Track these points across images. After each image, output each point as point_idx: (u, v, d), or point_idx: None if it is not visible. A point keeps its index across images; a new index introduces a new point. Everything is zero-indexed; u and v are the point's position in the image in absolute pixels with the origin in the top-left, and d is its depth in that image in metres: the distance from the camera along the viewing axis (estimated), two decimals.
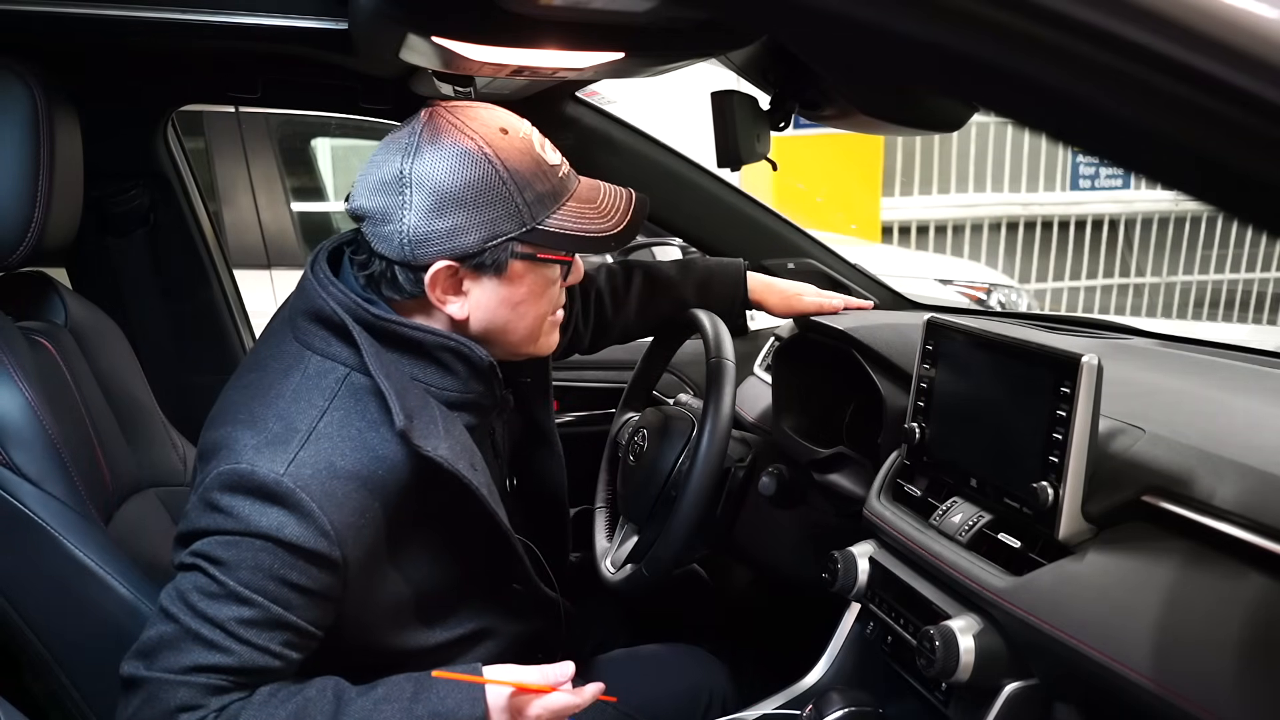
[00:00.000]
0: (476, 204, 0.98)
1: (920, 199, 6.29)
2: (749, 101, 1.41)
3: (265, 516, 0.91)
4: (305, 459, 0.93)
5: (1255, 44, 0.44)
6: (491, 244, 0.99)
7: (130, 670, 0.92)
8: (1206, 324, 6.50)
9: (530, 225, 1.00)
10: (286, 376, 0.99)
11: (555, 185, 1.03)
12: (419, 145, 0.98)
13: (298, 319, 1.03)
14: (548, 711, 0.99)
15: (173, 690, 0.90)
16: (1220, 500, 0.88)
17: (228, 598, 0.91)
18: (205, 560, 0.92)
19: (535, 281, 1.05)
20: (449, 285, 1.01)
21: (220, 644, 0.91)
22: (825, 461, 1.43)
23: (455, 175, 0.97)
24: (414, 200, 0.97)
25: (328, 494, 0.93)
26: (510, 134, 1.01)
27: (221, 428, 0.98)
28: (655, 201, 1.80)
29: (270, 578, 0.92)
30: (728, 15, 0.99)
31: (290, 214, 3.43)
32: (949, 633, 1.02)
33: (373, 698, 0.95)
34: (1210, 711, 0.78)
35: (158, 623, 0.93)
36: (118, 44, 1.44)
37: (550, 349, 1.13)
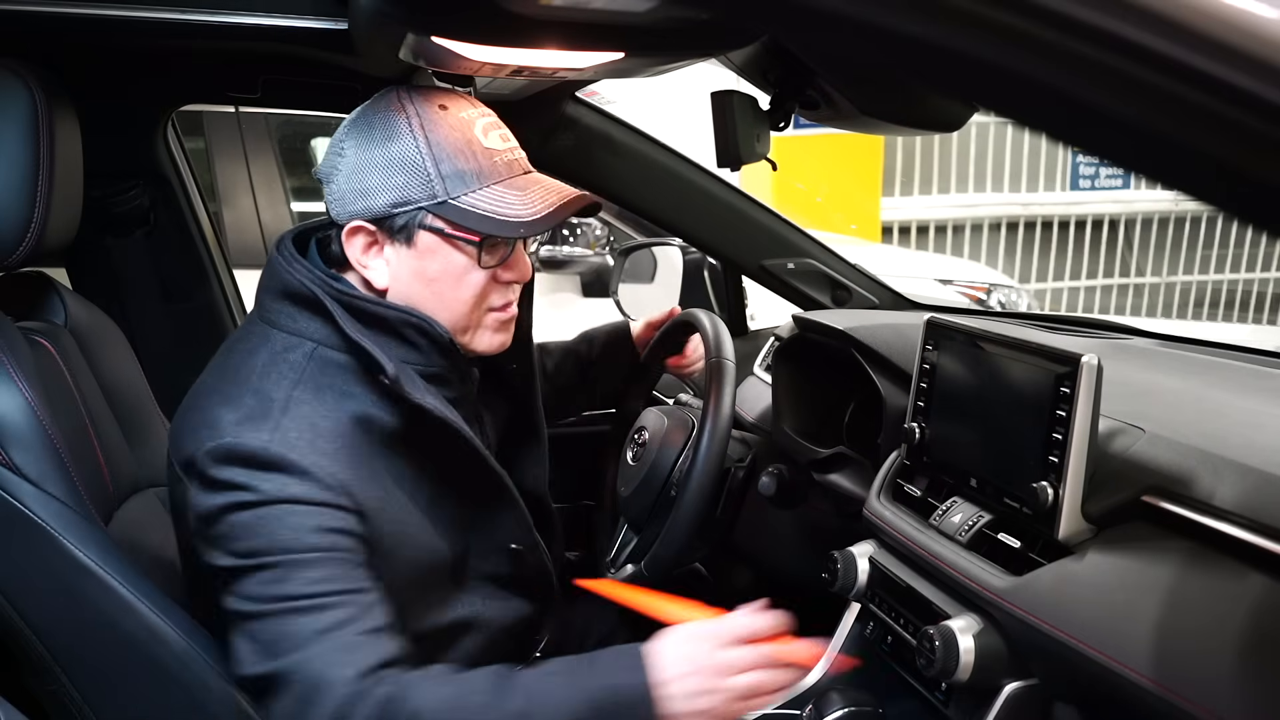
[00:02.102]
0: (389, 168, 1.01)
1: (920, 199, 6.29)
2: (749, 101, 1.41)
3: (267, 482, 0.93)
4: (288, 424, 0.96)
5: (1255, 44, 0.44)
6: (400, 209, 1.02)
7: (262, 669, 0.92)
8: (1206, 324, 6.50)
9: (441, 198, 1.01)
10: (253, 355, 1.02)
11: (483, 166, 1.03)
12: (361, 112, 1.05)
13: (264, 299, 1.06)
14: (750, 668, 0.96)
15: (313, 664, 0.90)
16: (1220, 500, 0.88)
17: (289, 566, 0.92)
18: (242, 551, 0.93)
19: (447, 259, 1.04)
20: (368, 249, 1.04)
21: (317, 606, 0.92)
22: (825, 461, 1.43)
23: (376, 140, 1.02)
24: (343, 162, 1.03)
25: (318, 451, 0.96)
26: (449, 110, 1.04)
27: (196, 411, 1.00)
28: (655, 201, 1.82)
29: (309, 532, 0.93)
30: (728, 15, 0.99)
31: (290, 214, 3.43)
32: (949, 633, 1.02)
33: (538, 671, 0.96)
34: (1210, 711, 0.78)
35: (246, 621, 0.93)
36: (118, 44, 1.44)
37: (494, 347, 1.12)
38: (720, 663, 0.95)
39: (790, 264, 1.87)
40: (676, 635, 0.97)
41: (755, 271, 1.88)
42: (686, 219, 1.83)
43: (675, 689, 0.93)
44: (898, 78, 1.18)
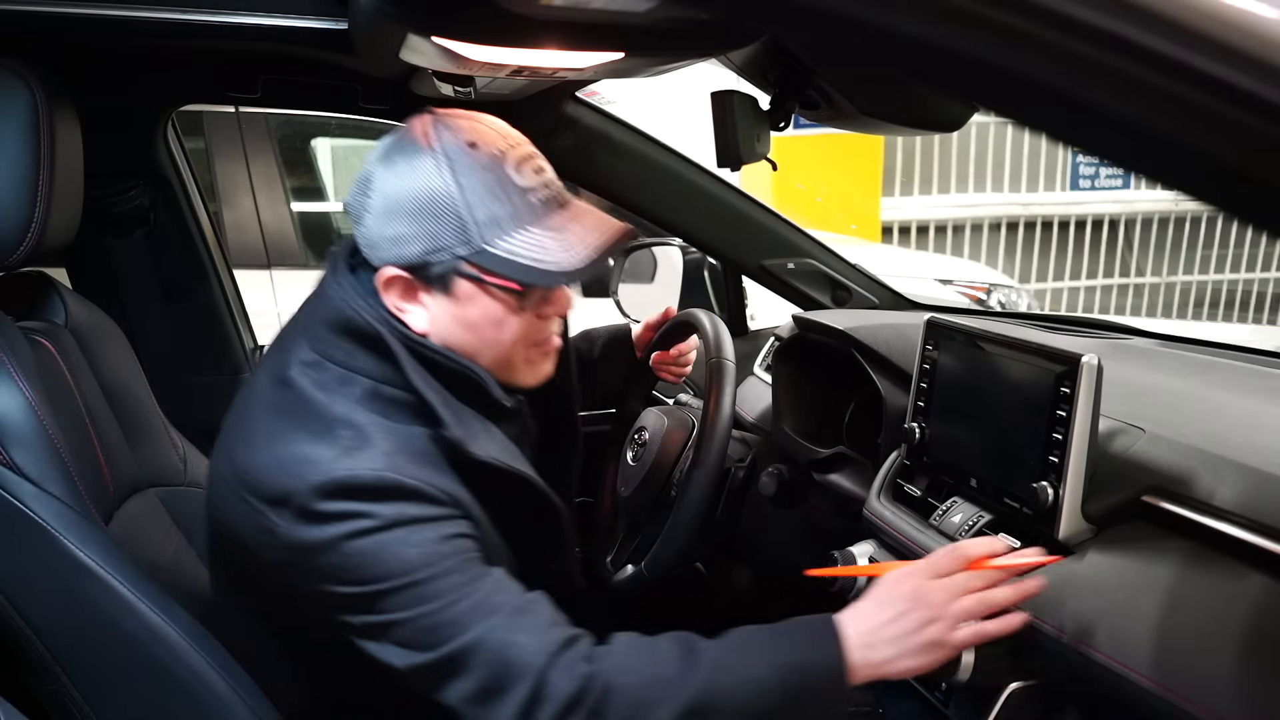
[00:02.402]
0: (421, 215, 0.96)
1: (920, 199, 6.29)
2: (749, 101, 1.41)
3: (385, 508, 0.91)
4: (391, 450, 0.94)
5: (1255, 44, 0.44)
6: (434, 258, 0.97)
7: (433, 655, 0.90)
8: (1206, 324, 6.50)
9: (479, 246, 0.96)
10: (318, 388, 0.98)
11: (518, 207, 0.98)
12: (388, 148, 0.99)
13: (316, 329, 1.01)
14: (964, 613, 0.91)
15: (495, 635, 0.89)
16: (1220, 500, 0.88)
17: (425, 581, 0.90)
18: (369, 577, 0.90)
19: (488, 306, 1.00)
20: (404, 294, 1.00)
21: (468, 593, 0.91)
22: (825, 461, 1.43)
23: (406, 183, 0.96)
24: (372, 202, 0.98)
25: (425, 472, 0.95)
26: (480, 148, 0.97)
27: (279, 446, 0.95)
28: (655, 202, 1.82)
29: (435, 543, 0.92)
30: (728, 15, 0.99)
31: (290, 214, 3.43)
32: None
33: (725, 644, 0.93)
34: (1210, 711, 0.78)
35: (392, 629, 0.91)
36: (118, 44, 1.44)
37: (537, 379, 1.09)
38: (931, 594, 0.91)
39: (790, 264, 1.87)
40: (872, 591, 0.94)
41: (755, 271, 1.88)
42: (686, 219, 1.83)
43: (885, 638, 0.90)
44: (898, 78, 1.18)
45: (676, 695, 0.89)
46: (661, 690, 0.89)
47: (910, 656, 0.91)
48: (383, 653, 0.93)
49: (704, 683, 0.90)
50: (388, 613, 0.91)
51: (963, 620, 0.91)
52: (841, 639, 0.91)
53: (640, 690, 0.89)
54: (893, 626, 0.91)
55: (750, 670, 0.91)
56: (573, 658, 0.90)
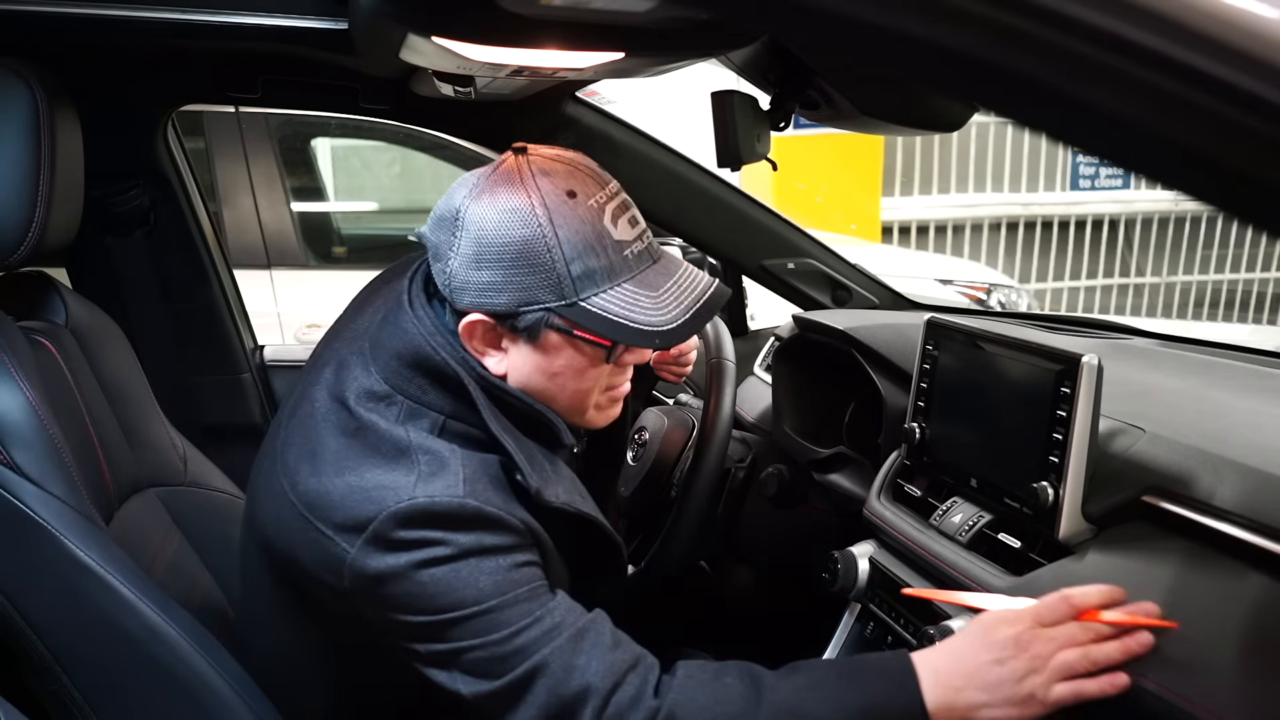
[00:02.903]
0: (515, 265, 0.93)
1: (920, 199, 6.29)
2: (749, 101, 1.41)
3: (463, 536, 0.90)
4: (470, 477, 0.93)
5: (1255, 44, 0.44)
6: (525, 309, 0.94)
7: (499, 683, 0.90)
8: (1206, 324, 6.50)
9: (571, 300, 0.94)
10: (384, 418, 0.96)
11: (613, 262, 0.95)
12: (482, 187, 0.95)
13: (389, 360, 0.98)
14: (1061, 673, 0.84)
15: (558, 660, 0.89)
16: (1220, 500, 0.88)
17: (497, 610, 0.90)
18: (442, 606, 0.90)
19: (574, 358, 0.98)
20: (486, 338, 0.98)
21: (535, 621, 0.90)
22: (825, 461, 1.43)
23: (501, 230, 0.93)
24: (461, 244, 0.94)
25: (503, 500, 0.94)
26: (578, 199, 0.95)
27: (351, 473, 0.94)
28: (655, 201, 1.82)
29: (507, 571, 0.91)
30: (728, 15, 0.99)
31: (290, 214, 3.43)
32: (949, 633, 1.02)
33: (793, 684, 0.91)
34: (1210, 711, 0.78)
35: (461, 656, 0.90)
36: (118, 44, 1.44)
37: (603, 423, 1.09)
38: (1035, 644, 0.85)
39: (790, 264, 1.87)
40: (966, 631, 0.90)
41: (755, 271, 1.88)
42: (686, 219, 1.83)
43: (974, 684, 0.85)
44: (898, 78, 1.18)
45: None
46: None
47: (1002, 707, 0.85)
48: (450, 680, 0.92)
49: (774, 717, 0.88)
50: (457, 640, 0.90)
51: (1064, 676, 0.85)
52: (919, 680, 0.87)
53: None
54: (988, 672, 0.86)
55: (820, 710, 0.88)
56: (638, 684, 0.90)
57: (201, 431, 1.60)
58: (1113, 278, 6.69)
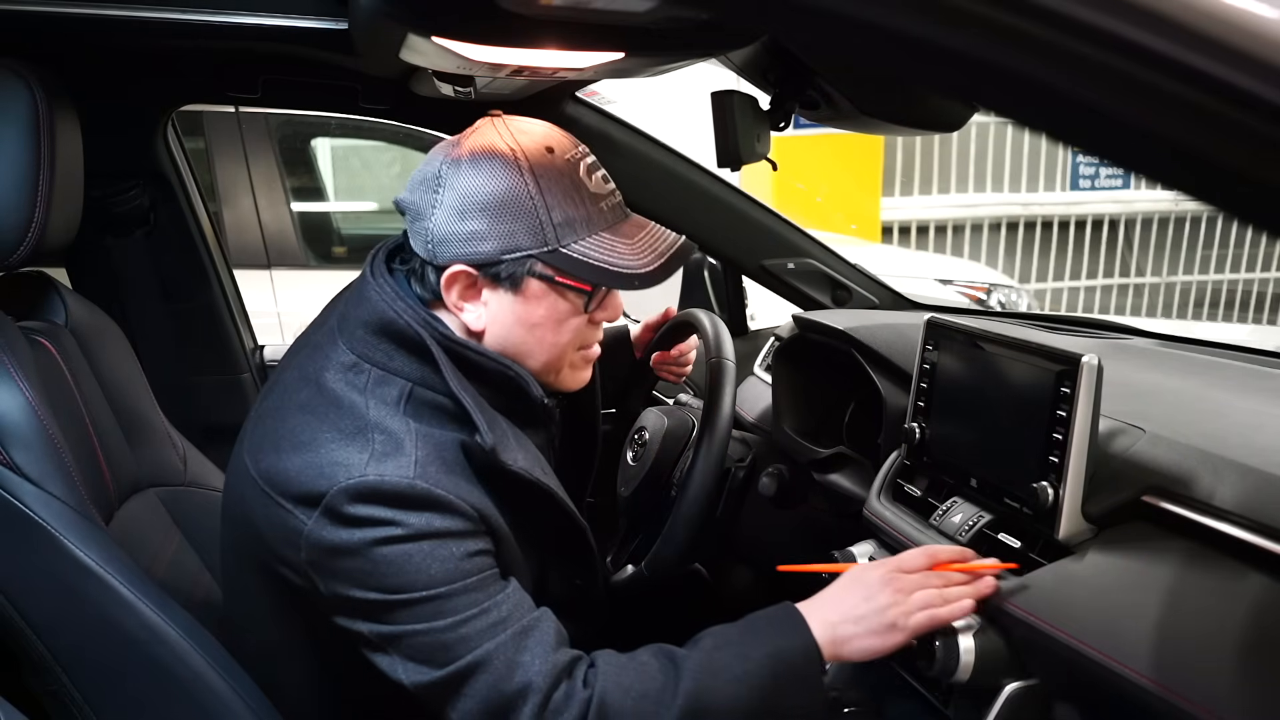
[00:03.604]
0: (499, 214, 0.97)
1: (920, 199, 6.29)
2: (749, 101, 1.41)
3: (413, 518, 0.92)
4: (424, 459, 0.95)
5: (1255, 44, 0.44)
6: (508, 256, 0.98)
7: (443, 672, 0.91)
8: (1206, 324, 6.50)
9: (552, 246, 0.98)
10: (350, 389, 0.98)
11: (590, 212, 1.01)
12: (462, 147, 1.00)
13: (356, 329, 1.01)
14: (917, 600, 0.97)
15: (502, 654, 0.91)
16: (1220, 500, 0.88)
17: (444, 597, 0.91)
18: (391, 586, 0.91)
19: (553, 307, 1.02)
20: (466, 291, 1.01)
21: (482, 612, 0.92)
22: (825, 461, 1.43)
23: (484, 181, 0.97)
24: (443, 199, 0.98)
25: (454, 482, 0.96)
26: (556, 154, 1.00)
27: (310, 449, 0.95)
28: (655, 201, 1.82)
29: (459, 560, 0.93)
30: (728, 15, 0.99)
31: (290, 214, 3.44)
32: (949, 633, 1.02)
33: (703, 649, 0.96)
34: (1210, 711, 0.78)
35: (407, 640, 0.92)
36: (118, 44, 1.44)
37: (577, 385, 1.11)
38: (896, 582, 0.97)
39: (790, 264, 1.87)
40: (841, 578, 1.01)
41: (755, 271, 1.88)
42: (686, 219, 1.82)
43: (848, 618, 0.96)
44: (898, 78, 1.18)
45: (670, 705, 0.91)
46: (655, 703, 0.91)
47: (870, 636, 0.96)
48: (391, 666, 0.93)
49: (693, 688, 0.92)
50: (402, 624, 0.92)
51: (921, 609, 0.96)
52: (808, 621, 0.96)
53: (636, 705, 0.91)
54: (857, 608, 0.96)
55: (732, 666, 0.93)
56: (570, 682, 0.92)
57: (201, 431, 1.60)
58: (1113, 278, 6.69)
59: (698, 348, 1.49)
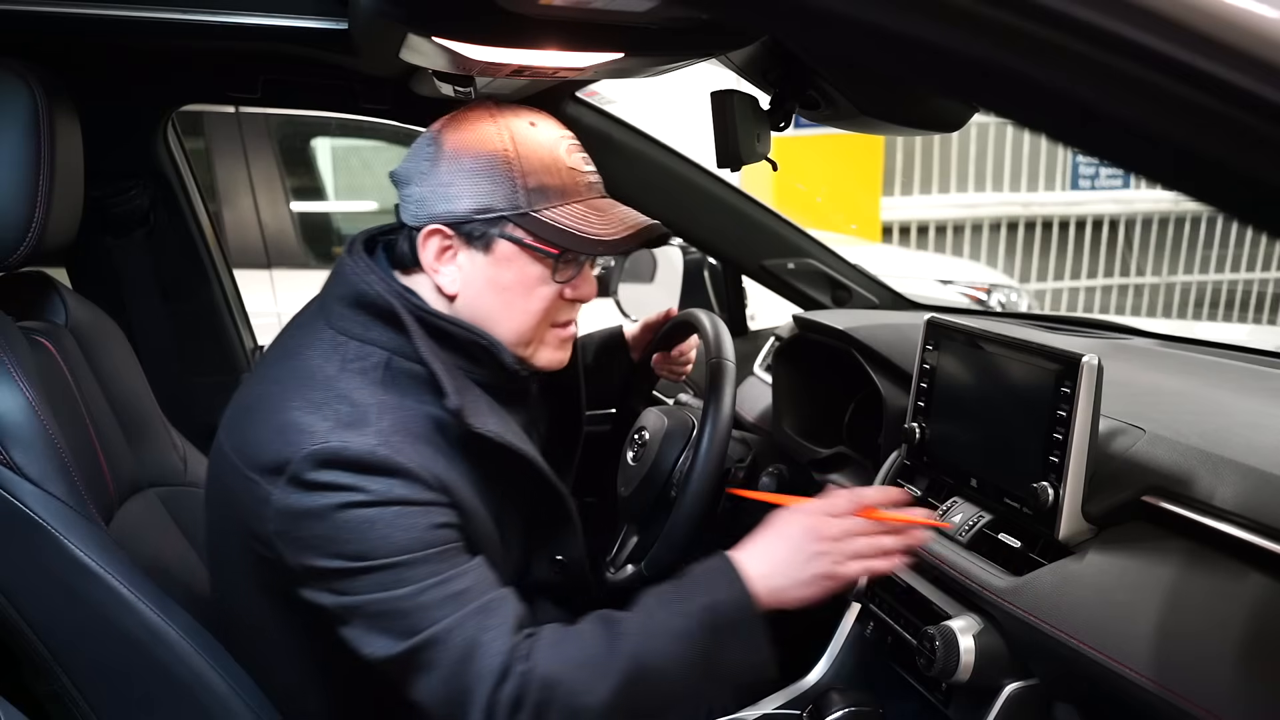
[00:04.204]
0: (476, 174, 1.02)
1: (920, 199, 6.29)
2: (749, 101, 1.41)
3: (375, 484, 0.93)
4: (387, 428, 0.96)
5: (1255, 44, 0.44)
6: (481, 215, 1.02)
7: (403, 646, 0.92)
8: (1206, 324, 6.50)
9: (524, 210, 1.02)
10: (326, 361, 1.01)
11: (566, 184, 1.05)
12: (454, 119, 1.06)
13: (333, 305, 1.05)
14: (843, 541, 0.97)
15: (463, 631, 0.92)
16: (1220, 500, 0.88)
17: (406, 566, 0.92)
18: (352, 553, 0.92)
19: (522, 271, 1.05)
20: (442, 253, 1.04)
21: (441, 582, 0.93)
22: (825, 461, 1.43)
23: (466, 145, 1.03)
24: (428, 165, 1.04)
25: (419, 453, 0.97)
26: (539, 128, 1.06)
27: (276, 415, 0.97)
28: (655, 201, 1.82)
29: (422, 531, 0.94)
30: (728, 15, 0.99)
31: (290, 214, 3.44)
32: (949, 633, 1.02)
33: (640, 608, 0.97)
34: (1210, 711, 0.78)
35: (368, 613, 0.93)
36: (118, 44, 1.44)
37: (553, 364, 1.12)
38: (824, 529, 0.97)
39: (790, 264, 1.87)
40: (772, 521, 1.00)
41: (755, 271, 1.88)
42: (686, 219, 1.83)
43: (780, 569, 0.96)
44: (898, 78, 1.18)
45: (611, 669, 0.92)
46: (596, 670, 0.92)
47: (804, 587, 0.97)
48: (357, 640, 0.94)
49: (632, 650, 0.92)
50: (363, 593, 0.93)
51: (853, 559, 0.97)
52: (742, 573, 0.96)
53: (576, 674, 0.92)
54: (788, 558, 0.97)
55: (670, 624, 0.94)
56: (520, 647, 0.93)
57: (201, 431, 1.59)
58: (1113, 278, 6.69)
59: (698, 348, 1.49)
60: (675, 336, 1.54)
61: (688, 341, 1.54)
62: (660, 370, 1.58)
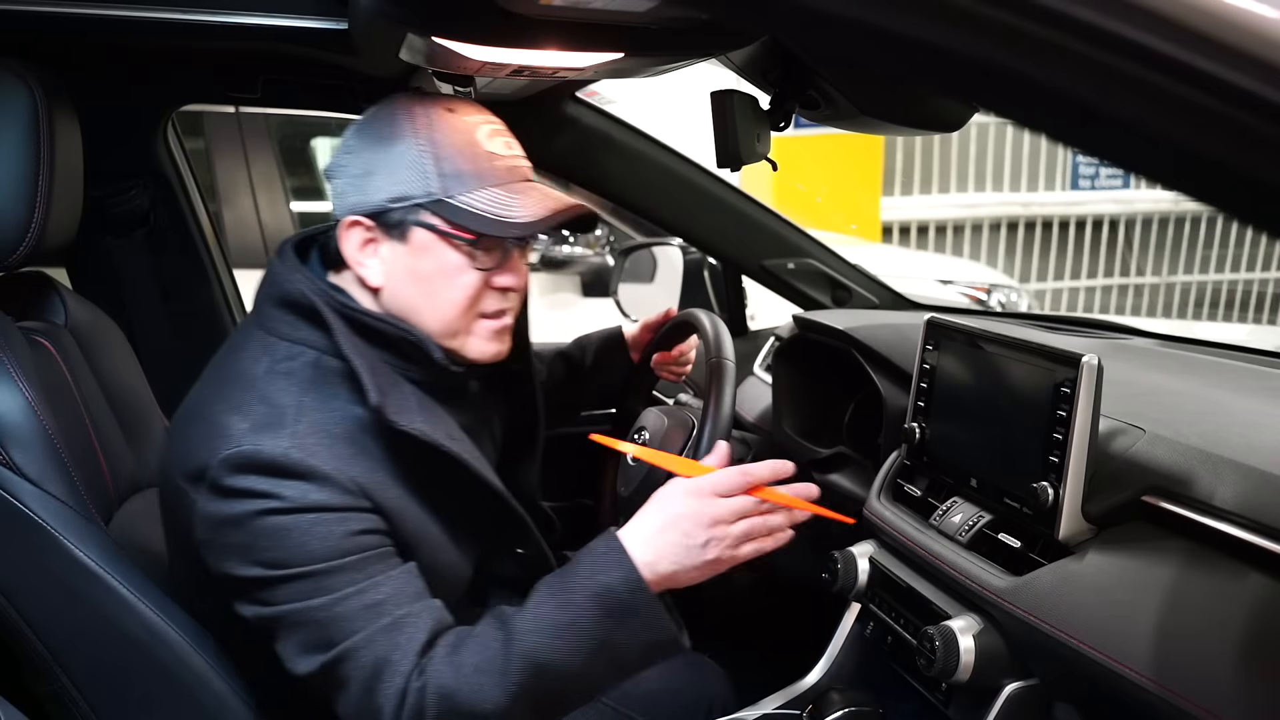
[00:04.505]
0: (391, 164, 1.02)
1: (920, 199, 6.29)
2: (749, 101, 1.41)
3: (289, 489, 0.93)
4: (303, 430, 0.96)
5: (1255, 44, 0.44)
6: (396, 204, 1.02)
7: (318, 662, 0.92)
8: (1206, 324, 6.50)
9: (439, 196, 1.01)
10: (255, 363, 1.01)
11: (482, 169, 1.03)
12: (370, 112, 1.06)
13: (263, 306, 1.05)
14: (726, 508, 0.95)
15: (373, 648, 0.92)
16: (1220, 500, 0.88)
17: (323, 575, 0.92)
18: (269, 561, 0.92)
19: (441, 259, 1.04)
20: (364, 246, 1.04)
21: (357, 593, 0.93)
22: (825, 461, 1.43)
23: (382, 137, 1.03)
24: (349, 158, 1.04)
25: (336, 456, 0.96)
26: (456, 114, 1.05)
27: (202, 421, 0.98)
28: (655, 201, 1.82)
29: (338, 539, 0.93)
30: (728, 15, 0.99)
31: (290, 214, 3.44)
32: (949, 633, 1.02)
33: (530, 605, 0.95)
34: (1210, 711, 0.78)
35: (287, 626, 0.93)
36: (118, 44, 1.44)
37: (487, 355, 1.10)
38: (715, 512, 0.94)
39: (790, 264, 1.87)
40: (654, 503, 0.97)
41: (755, 271, 1.88)
42: (686, 219, 1.83)
43: (669, 555, 0.93)
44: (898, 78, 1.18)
45: (508, 672, 0.91)
46: (492, 675, 0.91)
47: (693, 571, 0.95)
48: (282, 654, 0.95)
49: (527, 649, 0.91)
50: (281, 603, 0.93)
51: (744, 541, 0.96)
52: (629, 553, 0.94)
53: (472, 680, 0.91)
54: (678, 545, 0.94)
55: (561, 615, 0.92)
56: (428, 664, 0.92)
57: None
58: (1113, 278, 6.69)
59: (698, 348, 1.49)
60: (675, 336, 1.54)
61: (687, 341, 1.54)
62: (660, 370, 1.58)
